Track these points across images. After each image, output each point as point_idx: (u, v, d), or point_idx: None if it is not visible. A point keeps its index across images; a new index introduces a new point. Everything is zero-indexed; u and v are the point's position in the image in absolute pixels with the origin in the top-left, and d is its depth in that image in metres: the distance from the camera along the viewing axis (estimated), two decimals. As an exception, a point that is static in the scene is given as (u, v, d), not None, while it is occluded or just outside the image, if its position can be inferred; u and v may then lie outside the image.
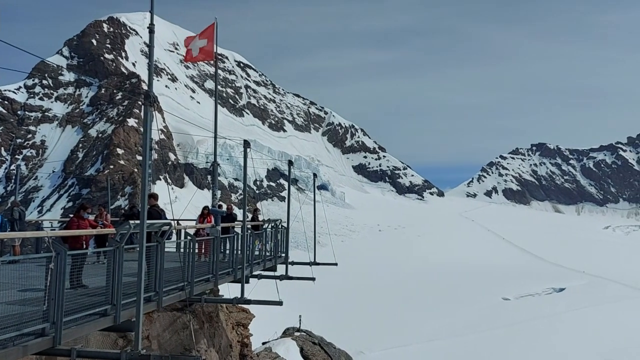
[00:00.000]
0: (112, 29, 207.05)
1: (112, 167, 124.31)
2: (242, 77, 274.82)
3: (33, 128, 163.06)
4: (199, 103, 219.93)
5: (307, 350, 36.31)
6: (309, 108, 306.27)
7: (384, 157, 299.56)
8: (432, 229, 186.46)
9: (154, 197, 15.17)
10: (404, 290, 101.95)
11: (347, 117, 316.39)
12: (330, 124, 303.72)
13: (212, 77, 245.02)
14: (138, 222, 10.50)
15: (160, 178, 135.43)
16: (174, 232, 17.07)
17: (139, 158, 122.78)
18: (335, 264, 27.92)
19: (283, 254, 23.08)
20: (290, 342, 36.80)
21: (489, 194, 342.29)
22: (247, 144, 16.05)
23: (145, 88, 20.48)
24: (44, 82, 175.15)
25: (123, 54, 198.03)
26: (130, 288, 10.78)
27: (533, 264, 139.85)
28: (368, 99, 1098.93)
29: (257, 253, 19.73)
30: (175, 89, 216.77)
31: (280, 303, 16.03)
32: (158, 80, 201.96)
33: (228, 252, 17.70)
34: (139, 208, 11.78)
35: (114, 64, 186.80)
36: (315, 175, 32.62)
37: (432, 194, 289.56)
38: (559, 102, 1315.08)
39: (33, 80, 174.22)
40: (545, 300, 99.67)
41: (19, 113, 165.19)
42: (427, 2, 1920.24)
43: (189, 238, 14.38)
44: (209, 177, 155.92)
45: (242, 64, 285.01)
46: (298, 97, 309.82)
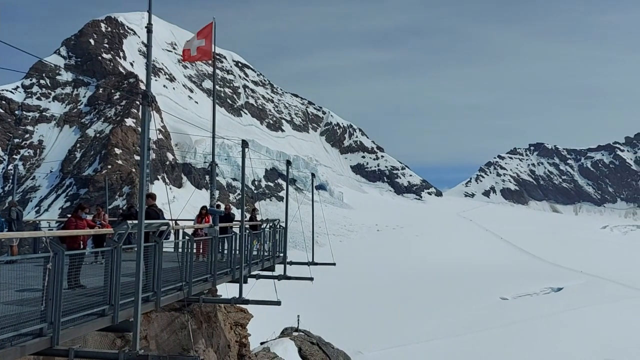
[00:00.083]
0: (109, 29, 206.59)
1: (109, 167, 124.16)
2: (240, 77, 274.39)
3: (30, 128, 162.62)
4: (197, 103, 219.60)
5: (305, 350, 36.27)
6: (307, 108, 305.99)
7: (382, 157, 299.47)
8: (430, 229, 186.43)
9: (152, 197, 15.16)
10: (403, 290, 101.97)
11: (345, 117, 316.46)
12: (329, 124, 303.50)
13: (210, 77, 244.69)
14: (136, 222, 10.49)
15: (158, 178, 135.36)
16: (172, 232, 17.07)
17: (137, 158, 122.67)
18: (334, 264, 27.92)
19: (281, 254, 23.11)
20: (289, 342, 36.75)
21: (487, 194, 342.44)
22: (245, 144, 16.07)
23: (143, 88, 20.48)
24: (42, 81, 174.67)
25: (121, 54, 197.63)
26: (128, 288, 10.78)
27: (531, 264, 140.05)
28: (366, 99, 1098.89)
29: (255, 253, 19.73)
30: (173, 89, 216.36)
31: (279, 303, 16.04)
32: (156, 80, 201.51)
33: (226, 252, 17.71)
34: (137, 208, 11.77)
35: (112, 64, 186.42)
36: (314, 175, 32.60)
37: (430, 194, 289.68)
38: (557, 102, 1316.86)
39: (30, 80, 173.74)
40: (544, 300, 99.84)
41: (17, 113, 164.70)
42: (426, 2, 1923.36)
43: (187, 238, 14.37)
44: (207, 177, 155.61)
45: (240, 64, 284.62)
46: (296, 97, 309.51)
